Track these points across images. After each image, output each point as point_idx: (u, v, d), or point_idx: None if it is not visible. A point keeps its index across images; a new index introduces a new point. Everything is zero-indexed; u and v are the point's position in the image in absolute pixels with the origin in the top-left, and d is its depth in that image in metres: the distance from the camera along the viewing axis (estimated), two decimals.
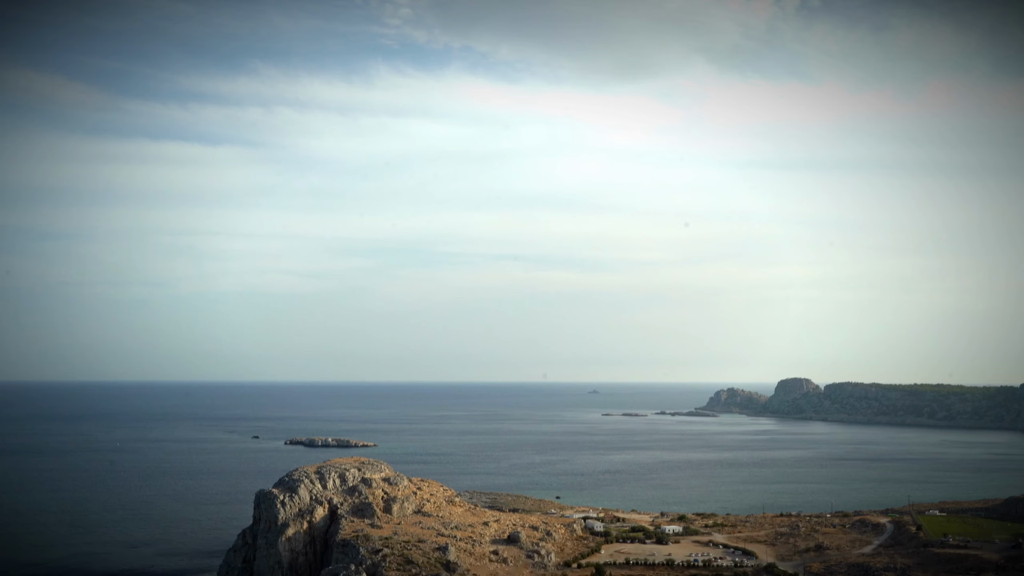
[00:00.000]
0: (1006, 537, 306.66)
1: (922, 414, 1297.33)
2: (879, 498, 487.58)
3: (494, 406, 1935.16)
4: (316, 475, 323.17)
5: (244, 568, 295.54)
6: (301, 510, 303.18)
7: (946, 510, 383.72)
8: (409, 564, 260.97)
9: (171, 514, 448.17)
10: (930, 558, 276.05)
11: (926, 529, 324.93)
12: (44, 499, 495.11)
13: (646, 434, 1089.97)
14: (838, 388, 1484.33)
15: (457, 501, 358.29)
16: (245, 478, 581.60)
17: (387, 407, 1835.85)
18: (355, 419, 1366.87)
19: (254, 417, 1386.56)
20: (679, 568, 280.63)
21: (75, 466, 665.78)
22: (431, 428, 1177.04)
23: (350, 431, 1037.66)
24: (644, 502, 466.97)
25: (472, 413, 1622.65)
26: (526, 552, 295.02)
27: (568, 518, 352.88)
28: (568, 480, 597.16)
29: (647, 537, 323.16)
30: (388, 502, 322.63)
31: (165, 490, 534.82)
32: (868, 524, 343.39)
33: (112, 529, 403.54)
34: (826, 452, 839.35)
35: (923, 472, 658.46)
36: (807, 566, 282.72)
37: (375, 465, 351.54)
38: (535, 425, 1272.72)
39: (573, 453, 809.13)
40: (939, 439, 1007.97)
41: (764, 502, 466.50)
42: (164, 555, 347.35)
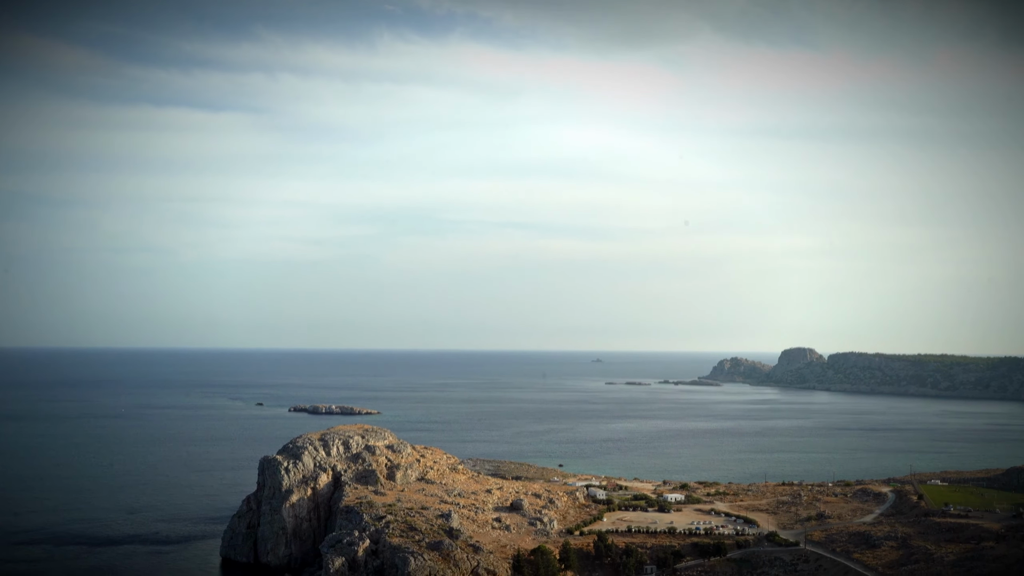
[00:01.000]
0: (1007, 507, 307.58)
1: (925, 384, 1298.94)
2: (881, 467, 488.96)
3: (497, 374, 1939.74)
4: (320, 442, 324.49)
5: (248, 533, 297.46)
6: (305, 477, 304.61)
7: (948, 480, 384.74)
8: (412, 531, 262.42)
9: (175, 480, 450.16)
10: (931, 527, 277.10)
11: (928, 498, 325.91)
12: (48, 465, 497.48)
13: (649, 403, 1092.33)
14: (841, 358, 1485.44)
15: (460, 469, 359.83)
16: (249, 445, 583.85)
17: (390, 375, 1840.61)
18: (358, 387, 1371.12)
19: (258, 384, 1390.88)
20: (681, 536, 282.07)
21: (79, 432, 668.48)
22: (434, 396, 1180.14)
23: (354, 398, 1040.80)
24: (646, 471, 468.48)
25: (475, 381, 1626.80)
26: (529, 519, 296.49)
27: (571, 486, 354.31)
28: (571, 448, 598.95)
29: (649, 505, 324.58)
30: (392, 469, 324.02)
31: (169, 457, 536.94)
32: (870, 493, 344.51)
33: (116, 495, 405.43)
34: (828, 422, 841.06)
35: (925, 442, 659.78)
36: (808, 534, 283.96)
37: (379, 432, 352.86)
38: (538, 393, 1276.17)
39: (576, 421, 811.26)
40: (942, 409, 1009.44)
41: (766, 471, 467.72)
42: (168, 521, 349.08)
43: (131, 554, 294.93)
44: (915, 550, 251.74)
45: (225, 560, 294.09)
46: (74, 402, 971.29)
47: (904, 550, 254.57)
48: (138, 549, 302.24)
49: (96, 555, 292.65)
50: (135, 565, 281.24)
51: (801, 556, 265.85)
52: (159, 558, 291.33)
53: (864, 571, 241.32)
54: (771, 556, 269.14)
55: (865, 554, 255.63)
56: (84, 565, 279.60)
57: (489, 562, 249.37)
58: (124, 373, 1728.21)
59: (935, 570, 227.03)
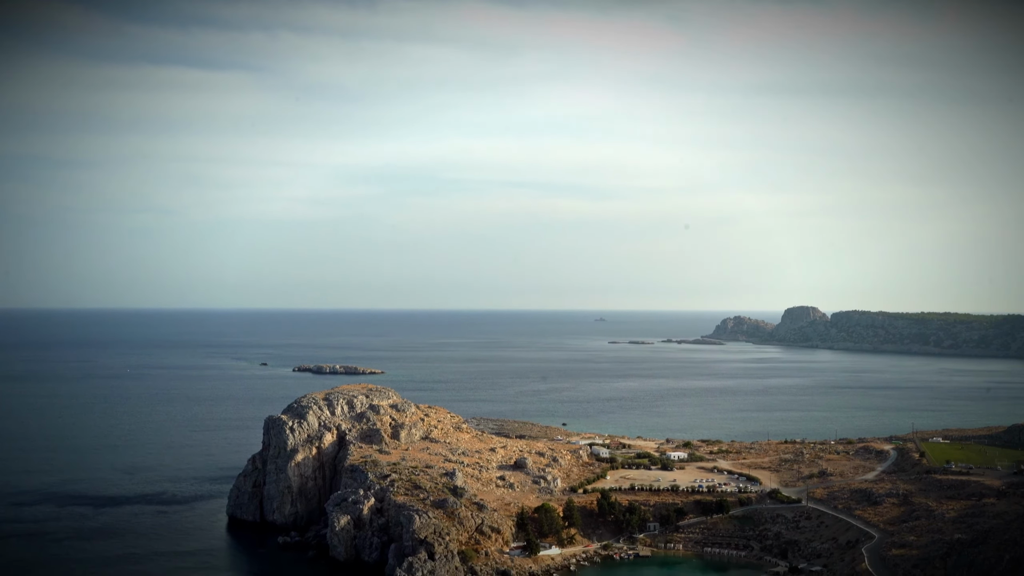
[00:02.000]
0: (1008, 464, 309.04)
1: (928, 342, 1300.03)
2: (883, 425, 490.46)
3: (500, 333, 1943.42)
4: (324, 401, 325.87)
5: (254, 493, 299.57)
6: (310, 436, 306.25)
7: (950, 437, 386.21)
8: (417, 489, 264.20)
9: (181, 440, 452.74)
10: (933, 484, 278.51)
11: (929, 456, 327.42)
12: (54, 426, 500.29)
13: (652, 362, 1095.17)
14: (845, 316, 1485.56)
15: (464, 427, 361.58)
16: (254, 404, 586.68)
17: (394, 334, 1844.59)
18: (362, 346, 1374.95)
19: (262, 344, 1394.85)
20: (684, 493, 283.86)
21: (84, 393, 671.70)
22: (438, 355, 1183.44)
23: (358, 358, 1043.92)
24: (649, 429, 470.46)
25: (479, 340, 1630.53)
26: (532, 477, 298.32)
27: (574, 444, 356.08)
28: (574, 407, 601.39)
29: (652, 463, 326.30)
30: (396, 428, 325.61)
31: (174, 417, 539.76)
32: (872, 451, 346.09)
33: (122, 456, 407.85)
34: (831, 380, 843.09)
35: (927, 400, 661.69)
36: (810, 491, 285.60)
37: (383, 392, 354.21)
38: (541, 353, 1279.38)
39: (579, 380, 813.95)
40: (945, 367, 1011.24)
41: (768, 429, 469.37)
42: (174, 481, 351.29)
43: (137, 514, 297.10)
44: (916, 507, 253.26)
45: (231, 519, 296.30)
46: (79, 363, 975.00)
47: (905, 507, 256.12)
48: (144, 509, 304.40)
49: (102, 515, 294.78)
50: (141, 525, 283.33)
51: (803, 513, 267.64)
52: (165, 518, 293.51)
53: (866, 527, 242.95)
54: (773, 513, 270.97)
55: (867, 511, 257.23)
56: (90, 525, 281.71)
57: (493, 520, 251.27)
58: (128, 334, 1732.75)
59: (936, 526, 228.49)
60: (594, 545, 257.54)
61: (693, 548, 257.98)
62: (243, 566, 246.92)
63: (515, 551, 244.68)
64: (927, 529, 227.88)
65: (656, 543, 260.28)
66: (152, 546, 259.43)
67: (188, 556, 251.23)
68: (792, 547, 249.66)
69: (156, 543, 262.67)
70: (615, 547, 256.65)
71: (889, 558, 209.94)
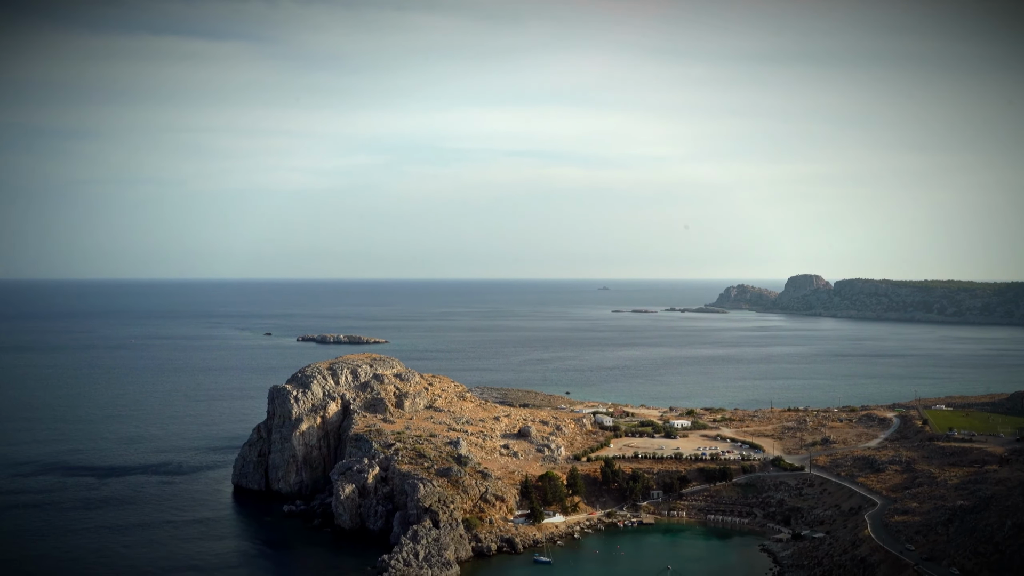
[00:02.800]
0: (1011, 431, 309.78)
1: (932, 310, 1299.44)
2: (886, 393, 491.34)
3: (503, 303, 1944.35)
4: (328, 371, 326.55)
5: (259, 462, 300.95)
6: (314, 405, 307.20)
7: (952, 405, 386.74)
8: (421, 458, 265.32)
9: (185, 410, 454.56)
10: (935, 451, 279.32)
11: (932, 423, 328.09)
12: (58, 396, 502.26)
13: (655, 330, 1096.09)
14: (848, 284, 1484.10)
15: (468, 396, 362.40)
16: (258, 374, 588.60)
17: (397, 304, 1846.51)
18: (365, 316, 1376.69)
19: (265, 314, 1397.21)
20: (687, 461, 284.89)
21: (88, 364, 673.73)
22: (442, 325, 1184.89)
23: (361, 328, 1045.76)
24: (653, 397, 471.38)
25: (482, 310, 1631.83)
26: (536, 446, 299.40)
27: (578, 413, 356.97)
28: (578, 376, 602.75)
29: (656, 431, 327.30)
30: (400, 397, 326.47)
31: (179, 387, 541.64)
32: (874, 418, 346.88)
33: (126, 425, 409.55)
34: (834, 348, 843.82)
35: (930, 367, 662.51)
36: (813, 459, 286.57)
37: (387, 361, 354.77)
38: (544, 322, 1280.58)
39: (583, 349, 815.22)
40: (948, 335, 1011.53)
41: (772, 397, 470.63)
42: (179, 450, 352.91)
43: (143, 483, 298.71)
44: (919, 474, 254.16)
45: (237, 488, 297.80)
46: (83, 334, 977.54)
47: (908, 474, 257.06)
48: (150, 478, 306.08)
49: (108, 485, 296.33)
50: (147, 494, 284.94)
51: (806, 480, 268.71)
52: (171, 487, 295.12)
53: (868, 494, 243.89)
54: (776, 480, 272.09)
55: (869, 478, 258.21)
56: (97, 495, 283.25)
57: (497, 488, 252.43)
58: (131, 304, 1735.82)
59: (938, 493, 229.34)
60: (598, 513, 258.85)
61: (696, 516, 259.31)
62: (249, 535, 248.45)
63: (519, 519, 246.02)
64: (929, 496, 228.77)
65: (659, 511, 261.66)
66: (158, 515, 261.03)
67: (194, 525, 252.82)
68: (795, 514, 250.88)
69: (162, 512, 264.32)
70: (619, 515, 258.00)
71: (891, 525, 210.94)
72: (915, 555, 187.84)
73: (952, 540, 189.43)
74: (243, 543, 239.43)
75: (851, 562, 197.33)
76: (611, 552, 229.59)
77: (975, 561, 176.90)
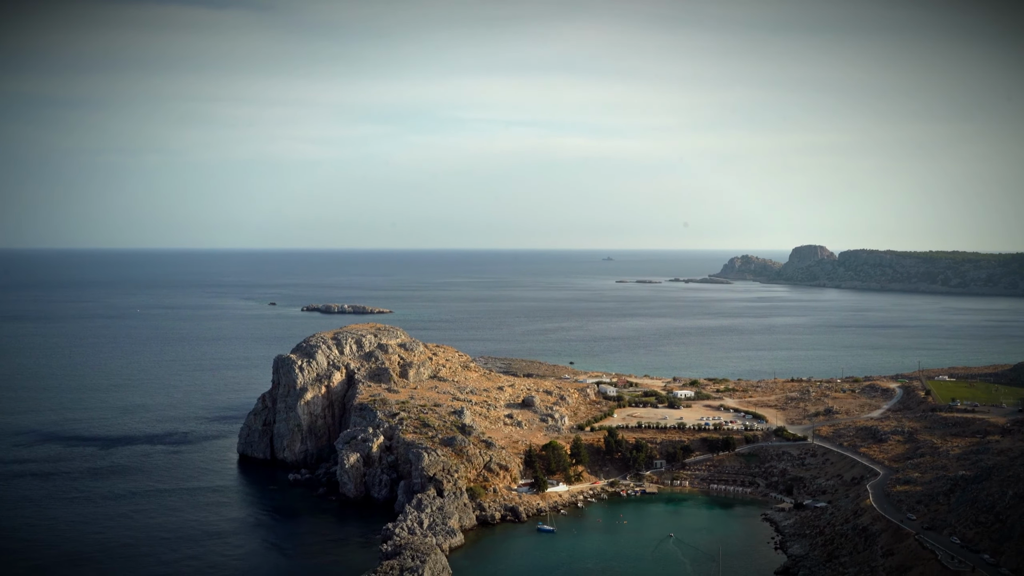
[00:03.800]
0: (1013, 401, 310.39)
1: (936, 281, 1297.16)
2: (889, 364, 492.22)
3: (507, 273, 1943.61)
4: (333, 341, 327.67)
5: (264, 431, 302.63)
6: (319, 375, 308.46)
7: (955, 375, 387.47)
8: (425, 427, 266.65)
9: (190, 379, 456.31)
10: (938, 422, 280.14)
11: (935, 394, 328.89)
12: (63, 365, 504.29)
13: (659, 301, 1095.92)
14: (852, 255, 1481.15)
15: (472, 366, 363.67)
16: (263, 344, 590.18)
17: (401, 274, 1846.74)
18: (370, 286, 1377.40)
19: (270, 284, 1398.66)
20: (690, 431, 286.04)
21: (93, 333, 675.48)
22: (446, 295, 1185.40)
23: (365, 297, 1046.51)
24: (656, 367, 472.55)
25: (486, 280, 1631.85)
26: (540, 416, 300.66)
27: (581, 383, 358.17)
28: (581, 346, 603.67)
29: (659, 401, 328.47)
30: (404, 367, 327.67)
31: (183, 356, 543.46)
32: (877, 389, 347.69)
33: (131, 395, 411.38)
34: (838, 319, 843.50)
35: (934, 338, 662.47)
36: (816, 429, 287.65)
37: (391, 331, 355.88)
38: (548, 292, 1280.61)
39: (586, 320, 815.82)
40: (952, 306, 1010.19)
41: (775, 368, 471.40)
42: (184, 419, 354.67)
43: (149, 452, 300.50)
44: (921, 444, 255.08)
45: (242, 457, 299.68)
46: (87, 303, 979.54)
47: (910, 444, 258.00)
48: (155, 447, 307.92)
49: (115, 454, 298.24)
50: (153, 463, 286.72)
51: (809, 450, 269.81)
52: (177, 456, 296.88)
53: (871, 464, 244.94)
54: (779, 450, 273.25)
55: (872, 448, 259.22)
56: (103, 463, 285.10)
57: (501, 457, 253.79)
58: (135, 274, 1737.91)
59: (940, 463, 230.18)
60: (601, 482, 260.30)
61: (699, 485, 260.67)
62: (254, 503, 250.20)
63: (523, 488, 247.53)
64: (931, 466, 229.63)
65: (663, 480, 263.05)
66: (165, 483, 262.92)
67: (200, 493, 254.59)
68: (797, 484, 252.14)
69: (168, 480, 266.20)
70: (622, 484, 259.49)
71: (893, 494, 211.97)
72: (916, 524, 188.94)
73: (953, 510, 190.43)
74: (248, 511, 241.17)
75: (853, 531, 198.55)
76: (614, 521, 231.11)
77: (976, 530, 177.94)
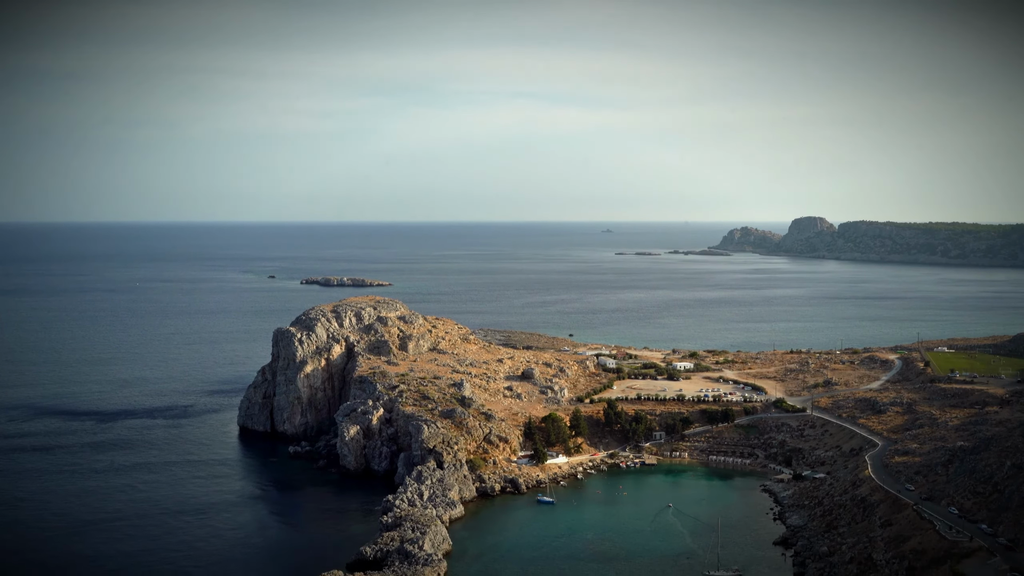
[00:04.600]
0: (1012, 372, 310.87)
1: (936, 252, 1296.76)
2: (889, 335, 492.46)
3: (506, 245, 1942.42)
4: (332, 314, 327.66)
5: (264, 403, 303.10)
6: (319, 348, 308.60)
7: (955, 347, 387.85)
8: (425, 399, 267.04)
9: (190, 352, 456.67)
10: (937, 393, 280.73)
11: (934, 365, 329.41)
12: (62, 338, 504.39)
13: (658, 273, 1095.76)
14: (852, 227, 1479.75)
15: (471, 339, 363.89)
16: (262, 317, 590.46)
17: (400, 247, 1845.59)
18: (369, 259, 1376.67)
19: (269, 257, 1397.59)
20: (690, 403, 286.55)
21: (92, 306, 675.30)
22: (444, 267, 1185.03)
23: (364, 270, 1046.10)
24: (656, 340, 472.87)
25: (485, 252, 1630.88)
26: (540, 388, 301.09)
27: (581, 355, 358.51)
28: (581, 318, 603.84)
29: (659, 373, 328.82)
30: (404, 340, 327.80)
31: (183, 329, 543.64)
32: (877, 360, 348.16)
33: (131, 368, 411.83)
34: (837, 290, 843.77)
35: (933, 310, 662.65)
36: (815, 401, 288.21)
37: (390, 304, 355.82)
38: (547, 264, 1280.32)
39: (586, 292, 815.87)
40: (951, 277, 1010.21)
41: (774, 339, 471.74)
42: (184, 392, 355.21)
43: (149, 425, 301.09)
44: (920, 415, 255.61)
45: (242, 429, 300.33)
46: (86, 276, 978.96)
47: (909, 415, 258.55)
48: (156, 420, 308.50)
49: (115, 427, 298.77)
50: (154, 436, 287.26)
51: (807, 422, 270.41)
52: (177, 429, 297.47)
53: (869, 435, 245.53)
54: (778, 422, 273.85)
55: (871, 419, 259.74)
56: (104, 437, 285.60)
57: (501, 429, 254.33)
58: (133, 247, 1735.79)
59: (939, 434, 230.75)
60: (600, 454, 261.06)
61: (698, 456, 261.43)
62: (254, 475, 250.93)
63: (522, 460, 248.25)
64: (930, 437, 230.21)
65: (662, 452, 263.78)
66: (165, 456, 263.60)
67: (201, 465, 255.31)
68: (796, 455, 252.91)
69: (169, 453, 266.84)
70: (621, 456, 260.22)
71: (892, 465, 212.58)
72: (914, 495, 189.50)
73: (951, 480, 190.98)
74: (249, 484, 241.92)
75: (851, 502, 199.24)
76: (614, 492, 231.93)
77: (974, 501, 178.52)
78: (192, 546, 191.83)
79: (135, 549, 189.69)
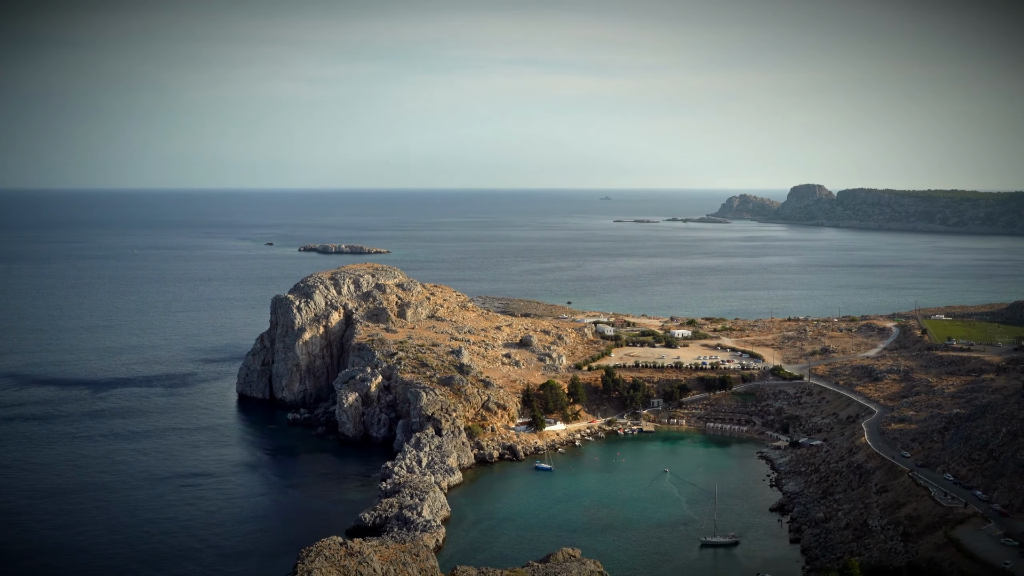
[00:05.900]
0: (1008, 340, 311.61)
1: (934, 220, 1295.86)
2: (886, 303, 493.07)
3: (505, 213, 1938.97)
4: (331, 281, 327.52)
5: (263, 371, 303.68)
6: (317, 315, 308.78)
7: (952, 314, 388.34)
8: (423, 367, 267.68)
9: (188, 320, 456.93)
10: (933, 360, 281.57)
11: (931, 333, 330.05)
12: (60, 306, 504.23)
13: (657, 240, 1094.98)
14: (851, 194, 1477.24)
15: (470, 306, 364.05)
16: (260, 284, 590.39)
17: (397, 214, 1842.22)
18: (366, 226, 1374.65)
19: (266, 224, 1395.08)
20: (687, 370, 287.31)
21: (90, 274, 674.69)
22: (442, 235, 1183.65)
23: (362, 238, 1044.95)
24: (654, 307, 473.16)
25: (483, 219, 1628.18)
26: (538, 355, 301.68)
27: (579, 322, 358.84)
28: (579, 286, 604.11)
29: (656, 341, 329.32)
30: (402, 307, 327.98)
31: (181, 296, 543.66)
32: (874, 328, 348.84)
33: (128, 335, 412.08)
34: (835, 258, 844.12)
35: (931, 278, 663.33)
36: (813, 368, 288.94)
37: (389, 271, 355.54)
38: (545, 232, 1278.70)
39: (584, 259, 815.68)
40: (949, 245, 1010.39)
41: (772, 307, 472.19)
42: (183, 360, 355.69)
43: (149, 393, 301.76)
44: (916, 382, 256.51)
45: (241, 396, 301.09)
46: (83, 243, 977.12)
47: (906, 383, 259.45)
48: (155, 387, 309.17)
49: (115, 394, 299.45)
50: (153, 403, 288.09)
51: (805, 389, 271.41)
52: (176, 396, 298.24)
53: (866, 403, 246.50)
54: (775, 389, 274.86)
55: (868, 387, 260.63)
56: (103, 405, 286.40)
57: (499, 396, 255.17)
58: (131, 214, 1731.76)
59: (935, 401, 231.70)
60: (598, 421, 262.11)
61: (696, 424, 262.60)
62: (254, 442, 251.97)
63: (520, 427, 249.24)
64: (926, 404, 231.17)
65: (660, 419, 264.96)
66: (165, 423, 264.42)
67: (200, 432, 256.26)
68: (793, 422, 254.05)
69: (168, 420, 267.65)
70: (619, 423, 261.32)
71: (888, 432, 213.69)
72: (910, 462, 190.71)
73: (947, 447, 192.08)
74: (248, 451, 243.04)
75: (847, 469, 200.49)
76: (611, 459, 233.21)
77: (969, 467, 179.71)
78: (190, 513, 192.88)
79: (133, 517, 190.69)
